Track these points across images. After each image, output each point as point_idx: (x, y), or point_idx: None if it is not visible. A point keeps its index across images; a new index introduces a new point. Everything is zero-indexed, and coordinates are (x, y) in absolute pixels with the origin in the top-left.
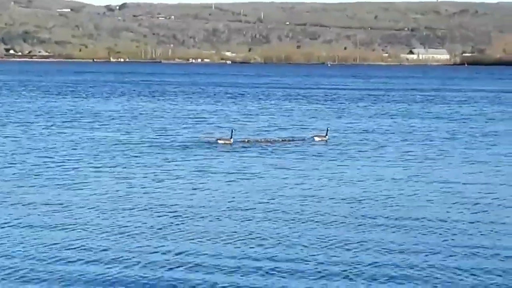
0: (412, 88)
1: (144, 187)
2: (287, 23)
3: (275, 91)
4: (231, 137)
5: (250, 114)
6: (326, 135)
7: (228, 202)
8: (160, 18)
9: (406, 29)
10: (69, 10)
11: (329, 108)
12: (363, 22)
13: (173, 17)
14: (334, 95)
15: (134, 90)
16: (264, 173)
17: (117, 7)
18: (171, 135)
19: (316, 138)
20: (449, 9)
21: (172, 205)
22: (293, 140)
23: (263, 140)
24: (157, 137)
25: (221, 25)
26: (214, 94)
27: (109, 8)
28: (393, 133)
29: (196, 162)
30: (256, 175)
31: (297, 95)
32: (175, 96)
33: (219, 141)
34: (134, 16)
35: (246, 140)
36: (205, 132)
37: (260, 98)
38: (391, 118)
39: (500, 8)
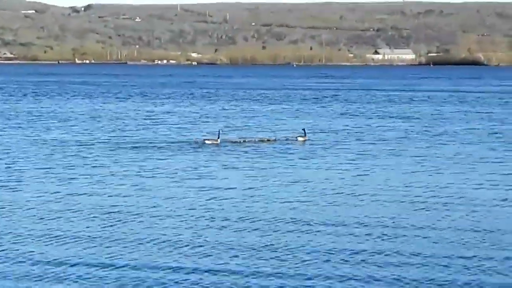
0: (374, 89)
1: (124, 188)
2: (253, 23)
3: (248, 92)
4: (218, 137)
5: (224, 115)
6: (305, 135)
7: (216, 200)
8: (125, 19)
9: (371, 29)
10: (34, 11)
11: (295, 108)
12: (329, 22)
13: (138, 18)
14: (299, 95)
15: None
16: (253, 173)
17: (82, 8)
18: (159, 136)
19: (300, 139)
20: (414, 9)
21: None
22: (277, 140)
23: (250, 140)
24: (146, 138)
25: (187, 26)
26: (184, 95)
27: (74, 10)
28: (362, 132)
29: (183, 162)
30: (243, 176)
31: (265, 95)
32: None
33: (207, 142)
34: (100, 17)
35: (234, 141)
36: (189, 132)
37: (230, 99)
38: (359, 117)
39: (465, 8)
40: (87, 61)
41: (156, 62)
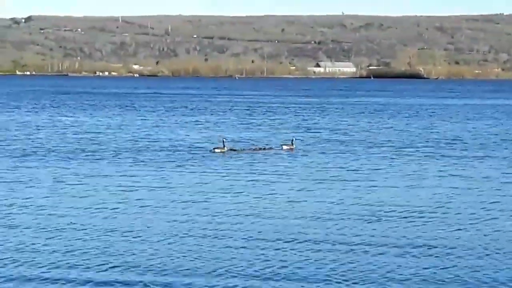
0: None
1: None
2: (195, 36)
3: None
4: (224, 146)
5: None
6: (293, 144)
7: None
8: (66, 31)
9: (312, 42)
10: None
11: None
12: (270, 35)
13: (79, 29)
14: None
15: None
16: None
17: (23, 20)
18: (175, 144)
19: (285, 147)
20: (355, 22)
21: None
22: (271, 149)
23: (248, 149)
24: (162, 144)
25: (128, 38)
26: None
27: (15, 21)
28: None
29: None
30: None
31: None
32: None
33: (216, 150)
34: (41, 29)
35: (239, 149)
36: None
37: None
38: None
39: (404, 21)
40: (28, 73)
41: (97, 74)
